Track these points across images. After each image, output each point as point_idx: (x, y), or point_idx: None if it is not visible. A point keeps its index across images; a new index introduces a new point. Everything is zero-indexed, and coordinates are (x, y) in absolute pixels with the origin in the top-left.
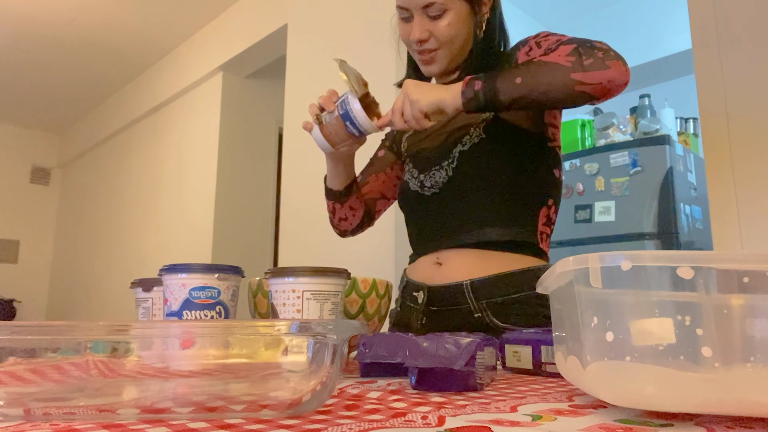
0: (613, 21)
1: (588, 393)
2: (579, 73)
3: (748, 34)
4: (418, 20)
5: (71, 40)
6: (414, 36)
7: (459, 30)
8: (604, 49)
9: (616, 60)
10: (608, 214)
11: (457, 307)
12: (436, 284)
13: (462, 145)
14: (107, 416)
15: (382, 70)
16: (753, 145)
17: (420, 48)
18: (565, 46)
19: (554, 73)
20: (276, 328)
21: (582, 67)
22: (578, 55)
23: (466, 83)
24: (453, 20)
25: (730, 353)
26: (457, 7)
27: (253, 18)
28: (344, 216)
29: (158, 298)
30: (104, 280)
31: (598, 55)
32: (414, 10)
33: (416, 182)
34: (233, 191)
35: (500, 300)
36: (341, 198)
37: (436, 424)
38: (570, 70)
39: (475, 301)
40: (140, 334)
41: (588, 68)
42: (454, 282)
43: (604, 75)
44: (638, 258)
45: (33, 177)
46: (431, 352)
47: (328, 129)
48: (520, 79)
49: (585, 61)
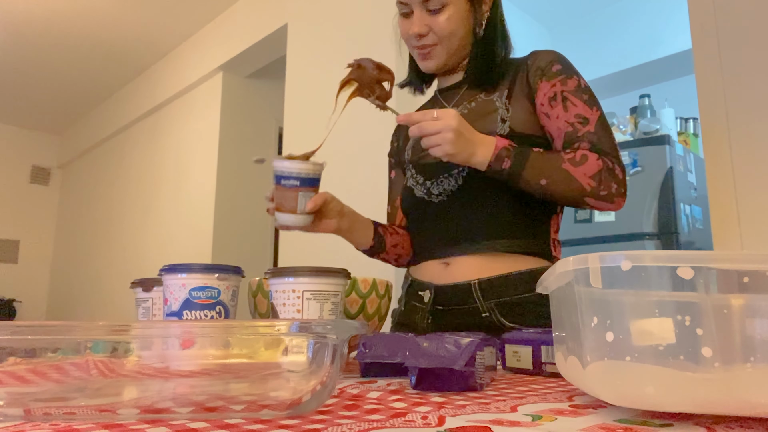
0: (613, 21)
1: (588, 393)
2: (592, 199)
3: (748, 34)
4: (417, 14)
5: (71, 40)
6: (413, 30)
7: (458, 26)
8: (619, 181)
9: (621, 198)
10: (608, 214)
11: (465, 307)
12: (443, 284)
13: None
14: (107, 416)
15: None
16: (753, 145)
17: (419, 43)
18: (592, 162)
19: (573, 189)
20: (276, 328)
21: (597, 196)
22: (599, 182)
23: (495, 156)
24: (452, 15)
25: (730, 353)
26: (457, 3)
27: (253, 18)
28: (397, 255)
29: (158, 298)
30: (104, 280)
31: (612, 189)
32: (414, 4)
33: (422, 189)
34: (233, 191)
35: (509, 300)
36: (379, 251)
37: (436, 424)
38: (587, 194)
39: (483, 300)
40: (140, 334)
41: (600, 198)
42: (462, 281)
43: (607, 206)
44: (638, 258)
45: (33, 177)
46: (431, 352)
47: (278, 202)
48: (545, 182)
49: (601, 191)
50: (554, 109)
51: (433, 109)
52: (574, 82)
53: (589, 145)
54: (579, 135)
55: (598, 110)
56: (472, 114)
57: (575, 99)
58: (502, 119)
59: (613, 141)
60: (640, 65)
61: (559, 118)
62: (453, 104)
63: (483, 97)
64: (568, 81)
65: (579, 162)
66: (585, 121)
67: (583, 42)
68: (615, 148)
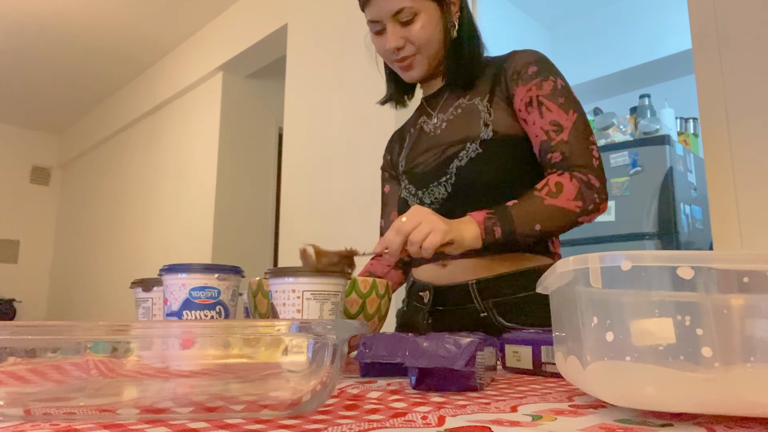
0: (613, 21)
1: (588, 393)
2: (583, 217)
3: (748, 34)
4: (391, 29)
5: (71, 40)
6: (390, 45)
7: (433, 31)
8: (598, 189)
9: (604, 202)
10: (608, 214)
11: (463, 307)
12: (441, 284)
13: (459, 160)
14: (107, 416)
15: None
16: (753, 145)
17: (398, 56)
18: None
19: (566, 219)
20: (276, 328)
21: (586, 213)
22: (583, 201)
23: (483, 228)
24: (425, 22)
25: (730, 353)
26: (426, 9)
27: (253, 18)
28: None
29: (158, 298)
30: (104, 280)
31: (595, 200)
32: (385, 19)
33: (415, 199)
34: (233, 191)
35: (506, 299)
36: None
37: (436, 424)
38: (577, 215)
39: (481, 300)
40: (140, 334)
41: (590, 212)
42: (460, 282)
43: (596, 215)
44: (638, 258)
45: (33, 177)
46: (431, 352)
47: None
48: (539, 227)
49: (588, 207)
50: (531, 114)
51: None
52: (550, 85)
53: (560, 157)
54: (552, 145)
55: (575, 112)
56: (458, 120)
57: (550, 103)
58: (485, 123)
59: (587, 148)
60: (640, 65)
61: (535, 125)
62: (439, 110)
63: (466, 102)
64: (544, 84)
65: (556, 192)
66: (559, 129)
67: (583, 42)
68: (587, 156)
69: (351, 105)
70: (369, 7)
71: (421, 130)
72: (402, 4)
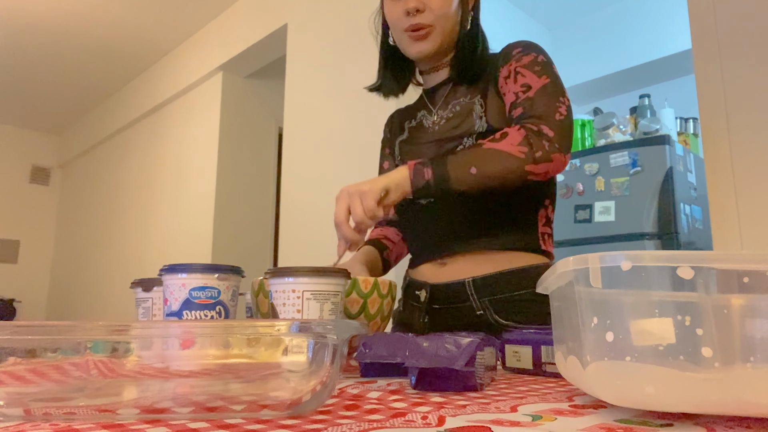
0: (613, 21)
1: (588, 393)
2: (530, 165)
3: (748, 34)
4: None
5: (71, 40)
6: (410, 4)
7: (451, 8)
8: (550, 138)
9: (558, 153)
10: (608, 214)
11: (459, 305)
12: (438, 282)
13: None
14: (107, 416)
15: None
16: (753, 145)
17: (413, 21)
18: (512, 133)
19: (508, 164)
20: (276, 328)
21: (533, 159)
22: (529, 146)
23: (412, 170)
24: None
25: (730, 353)
26: None
27: (253, 18)
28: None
29: (158, 298)
30: (104, 280)
31: (545, 147)
32: None
33: None
34: (233, 191)
35: (502, 297)
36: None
37: (436, 424)
38: (523, 162)
39: (477, 299)
40: (140, 334)
41: (538, 160)
42: (457, 280)
43: (548, 166)
44: (638, 258)
45: (33, 177)
46: (431, 352)
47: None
48: (475, 170)
49: (536, 153)
50: (507, 85)
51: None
52: (530, 57)
53: (521, 110)
54: (517, 102)
55: (548, 78)
56: (457, 117)
57: (525, 71)
58: (479, 116)
59: (552, 104)
60: (640, 65)
61: (510, 92)
62: (439, 107)
63: (467, 101)
64: (524, 57)
65: (499, 138)
66: (528, 89)
67: (583, 42)
68: (551, 110)
69: (351, 104)
70: None
71: (420, 123)
72: None
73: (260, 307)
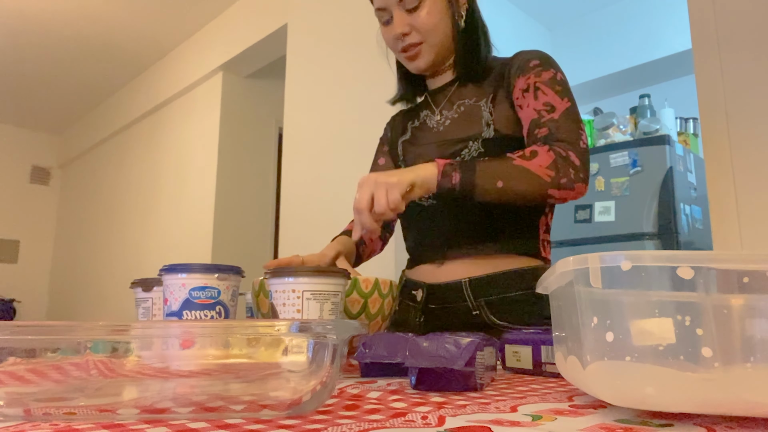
0: (613, 21)
1: (588, 393)
2: (554, 190)
3: (748, 34)
4: (397, 15)
5: (71, 40)
6: (396, 30)
7: (439, 19)
8: (576, 167)
9: (582, 183)
10: (608, 214)
11: (455, 305)
12: (435, 282)
13: (460, 158)
14: (107, 416)
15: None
16: (753, 145)
17: (403, 43)
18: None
19: (533, 184)
20: (276, 328)
21: (558, 185)
22: (556, 171)
23: (441, 172)
24: (431, 9)
25: (730, 353)
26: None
27: (253, 18)
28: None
29: (158, 298)
30: (104, 280)
31: (570, 175)
32: (391, 6)
33: None
34: (233, 191)
35: (498, 297)
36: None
37: (436, 424)
38: (548, 185)
39: (473, 299)
40: (140, 334)
41: (561, 186)
42: (453, 280)
43: (569, 194)
44: (638, 258)
45: (33, 177)
46: (431, 352)
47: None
48: (501, 183)
49: (561, 180)
50: (525, 99)
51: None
52: (549, 74)
53: (547, 131)
54: (542, 121)
55: (569, 101)
56: (461, 118)
57: (546, 89)
58: (486, 123)
59: (576, 131)
60: (640, 65)
61: (529, 107)
62: (443, 107)
63: (472, 103)
64: (543, 73)
65: (530, 157)
66: (552, 109)
67: (583, 42)
68: (575, 136)
69: (351, 105)
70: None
71: (424, 123)
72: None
73: (260, 307)
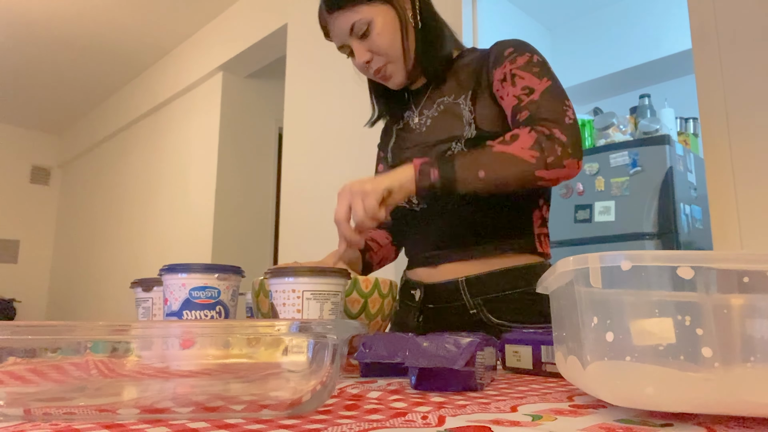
0: (613, 21)
1: (588, 393)
2: (542, 170)
3: (748, 34)
4: (355, 46)
5: (71, 40)
6: (359, 60)
7: (392, 33)
8: (563, 143)
9: (571, 159)
10: (608, 214)
11: (453, 304)
12: (432, 282)
13: None
14: (107, 416)
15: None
16: (753, 145)
17: (372, 69)
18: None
19: (518, 168)
20: (276, 328)
21: (545, 165)
22: (540, 150)
23: (419, 171)
24: (381, 27)
25: (730, 353)
26: (379, 14)
27: (253, 18)
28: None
29: (158, 298)
30: (104, 280)
31: (557, 152)
32: (346, 41)
33: None
34: (233, 191)
35: (494, 296)
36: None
37: (436, 424)
38: (534, 166)
39: (470, 297)
40: (140, 334)
41: (549, 166)
42: (450, 279)
43: (560, 173)
44: (638, 258)
45: (33, 177)
46: (431, 352)
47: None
48: (483, 173)
49: (547, 159)
50: (505, 88)
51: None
52: (525, 58)
53: (527, 114)
54: (522, 105)
55: (549, 80)
56: (441, 118)
57: (523, 73)
58: (468, 122)
59: (560, 107)
60: (640, 65)
61: (509, 95)
62: (423, 106)
63: (451, 101)
64: (518, 59)
65: (510, 141)
66: (531, 91)
67: (583, 42)
68: (559, 112)
69: (351, 105)
70: (331, 37)
71: (407, 124)
72: (351, 20)
73: (260, 307)
